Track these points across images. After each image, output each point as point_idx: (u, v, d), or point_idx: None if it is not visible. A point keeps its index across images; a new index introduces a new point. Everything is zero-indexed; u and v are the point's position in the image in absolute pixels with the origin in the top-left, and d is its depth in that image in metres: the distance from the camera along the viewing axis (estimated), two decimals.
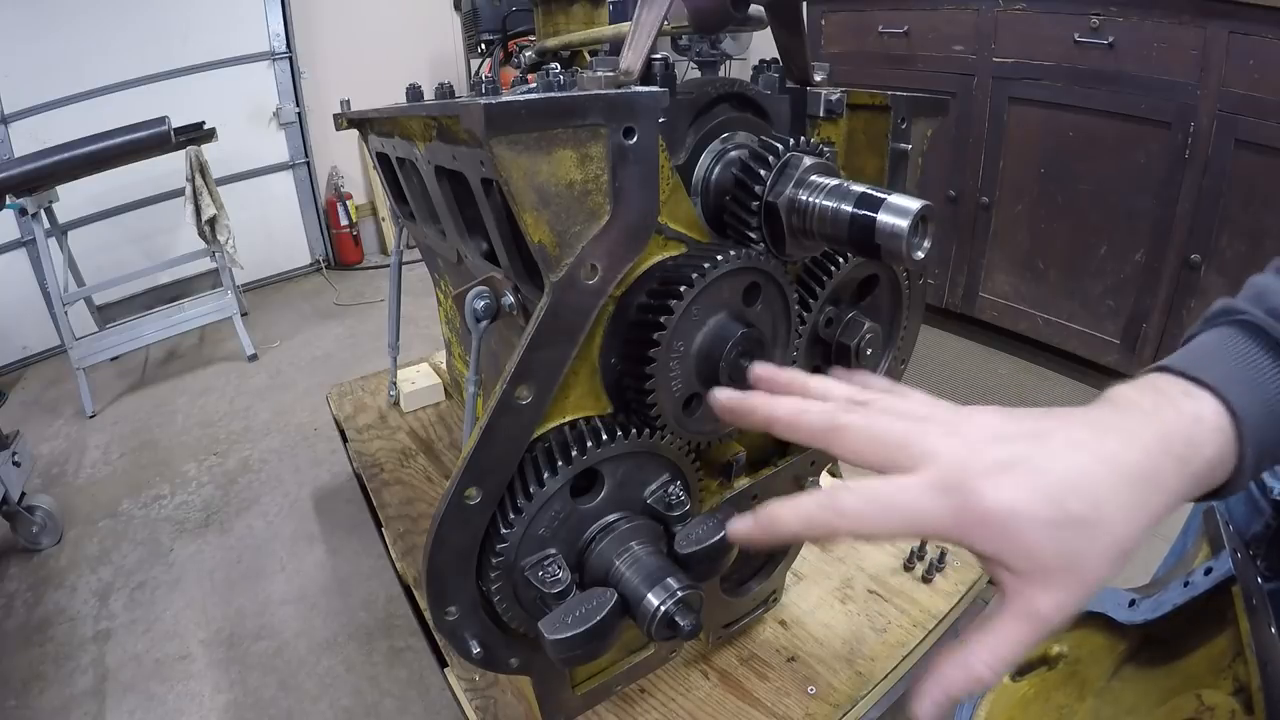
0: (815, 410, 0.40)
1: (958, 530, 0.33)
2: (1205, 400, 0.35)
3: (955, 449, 0.34)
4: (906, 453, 0.35)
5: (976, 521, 0.32)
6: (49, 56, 2.52)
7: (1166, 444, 0.33)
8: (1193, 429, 0.34)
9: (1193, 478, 0.34)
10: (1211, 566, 0.49)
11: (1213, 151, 1.63)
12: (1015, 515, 0.31)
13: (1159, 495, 0.33)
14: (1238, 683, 0.47)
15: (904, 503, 0.34)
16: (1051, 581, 0.32)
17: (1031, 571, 0.32)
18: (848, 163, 0.73)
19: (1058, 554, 0.31)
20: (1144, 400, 0.35)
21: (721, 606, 0.93)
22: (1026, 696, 0.64)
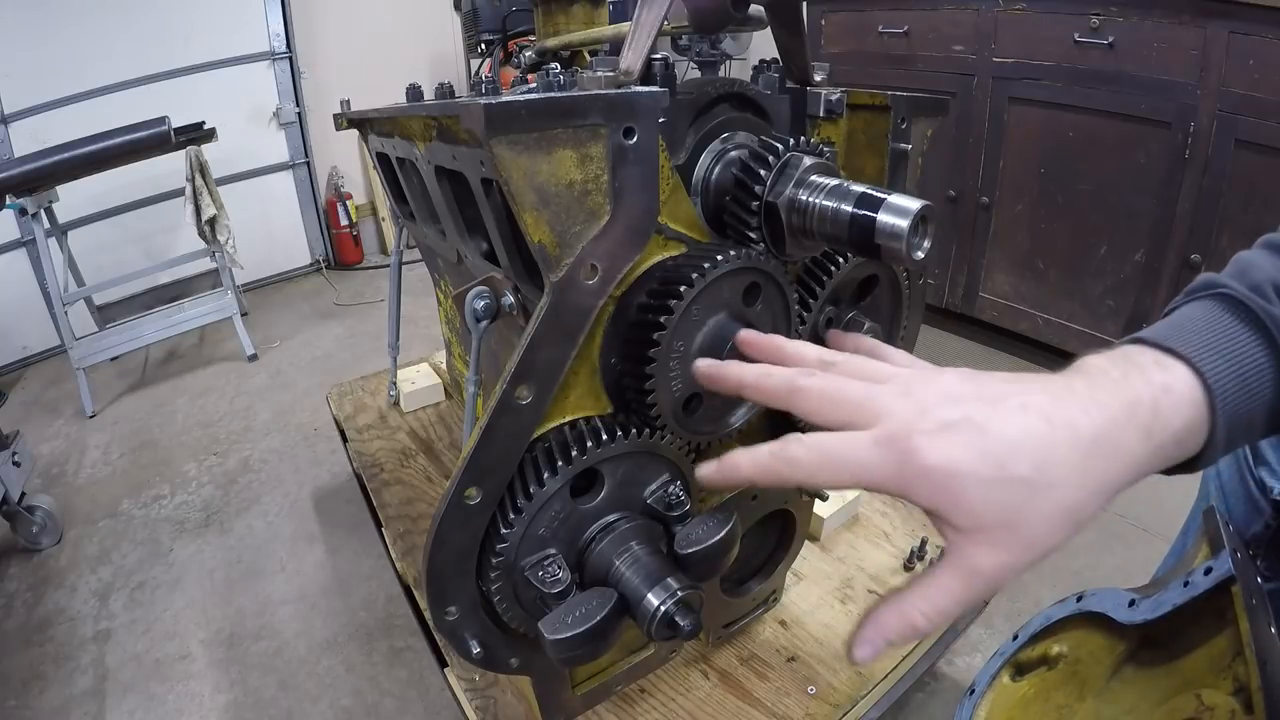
0: (778, 374, 0.41)
1: (899, 484, 0.33)
2: (1177, 370, 0.34)
3: (906, 408, 0.34)
4: (861, 412, 0.36)
5: (916, 476, 0.33)
6: (49, 56, 2.52)
7: (1131, 412, 0.33)
8: (1161, 399, 0.33)
9: (1158, 449, 0.33)
10: (1211, 566, 0.49)
11: (1213, 151, 1.63)
12: (954, 473, 0.32)
13: (1117, 463, 0.32)
14: (1237, 683, 0.47)
15: (849, 457, 0.35)
16: (992, 539, 0.32)
17: (972, 529, 0.32)
18: (848, 163, 0.73)
19: (997, 512, 0.32)
20: (1113, 369, 0.35)
21: (721, 606, 0.93)
22: (1026, 696, 0.64)
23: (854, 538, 1.18)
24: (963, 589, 0.33)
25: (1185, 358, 0.35)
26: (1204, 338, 0.35)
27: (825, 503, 1.10)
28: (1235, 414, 0.34)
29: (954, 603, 0.34)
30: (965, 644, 1.20)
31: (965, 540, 0.33)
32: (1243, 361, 0.35)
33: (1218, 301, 0.38)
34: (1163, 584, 0.54)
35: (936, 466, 0.32)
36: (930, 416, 0.33)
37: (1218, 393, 0.34)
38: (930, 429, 0.33)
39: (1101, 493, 0.32)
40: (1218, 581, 0.48)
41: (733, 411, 0.69)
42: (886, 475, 0.34)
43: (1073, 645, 0.62)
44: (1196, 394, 0.34)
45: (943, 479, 0.32)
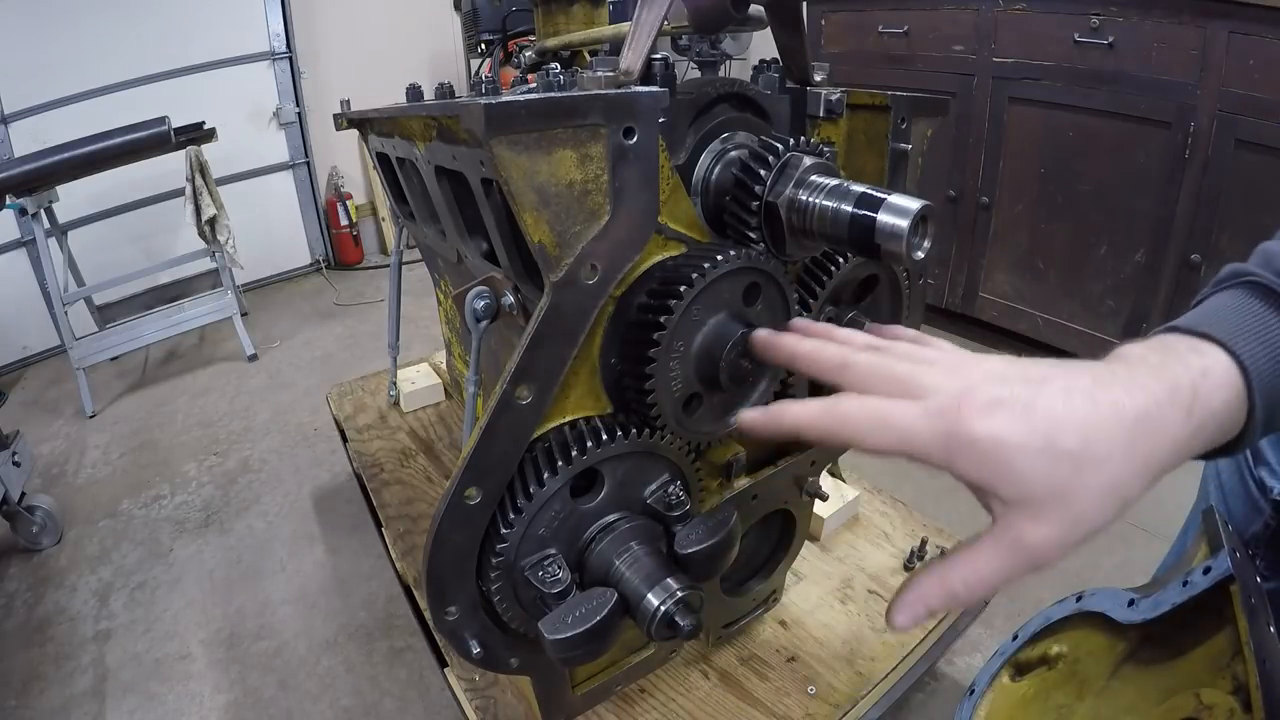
0: (831, 348, 0.43)
1: (945, 454, 0.34)
2: (1213, 354, 0.35)
3: (954, 385, 0.35)
4: (909, 388, 0.36)
5: (963, 446, 0.33)
6: (49, 56, 2.52)
7: (1172, 394, 0.33)
8: (1200, 381, 0.34)
9: (1199, 429, 0.34)
10: (1210, 566, 0.49)
11: (1213, 151, 1.63)
12: (1002, 443, 0.32)
13: (1161, 442, 0.33)
14: (1236, 681, 0.47)
15: (899, 421, 0.35)
16: (1040, 512, 0.32)
17: (1020, 500, 0.32)
18: (848, 163, 0.73)
19: (1046, 484, 0.32)
20: (1152, 355, 0.35)
21: (721, 606, 0.93)
22: (1026, 696, 0.64)
23: (854, 538, 1.18)
24: (1007, 561, 0.33)
25: (1221, 342, 0.35)
26: (1237, 323, 0.36)
27: (825, 502, 1.10)
28: (1272, 394, 0.35)
29: (997, 574, 0.34)
30: (965, 644, 1.20)
31: (1012, 512, 0.33)
32: (1273, 344, 0.36)
33: (1247, 289, 0.39)
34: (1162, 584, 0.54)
35: (985, 436, 0.32)
36: (978, 393, 0.34)
37: (1254, 374, 0.35)
38: (978, 403, 0.33)
39: (1146, 472, 0.33)
40: (1216, 581, 0.48)
41: (732, 411, 0.69)
42: (933, 443, 0.34)
43: (1072, 645, 0.62)
44: (1233, 376, 0.35)
45: (991, 449, 0.32)
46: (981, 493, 0.34)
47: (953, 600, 0.35)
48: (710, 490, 0.75)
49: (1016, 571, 0.34)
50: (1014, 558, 0.33)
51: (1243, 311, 0.37)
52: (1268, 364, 0.35)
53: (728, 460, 0.74)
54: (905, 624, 0.36)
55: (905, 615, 0.36)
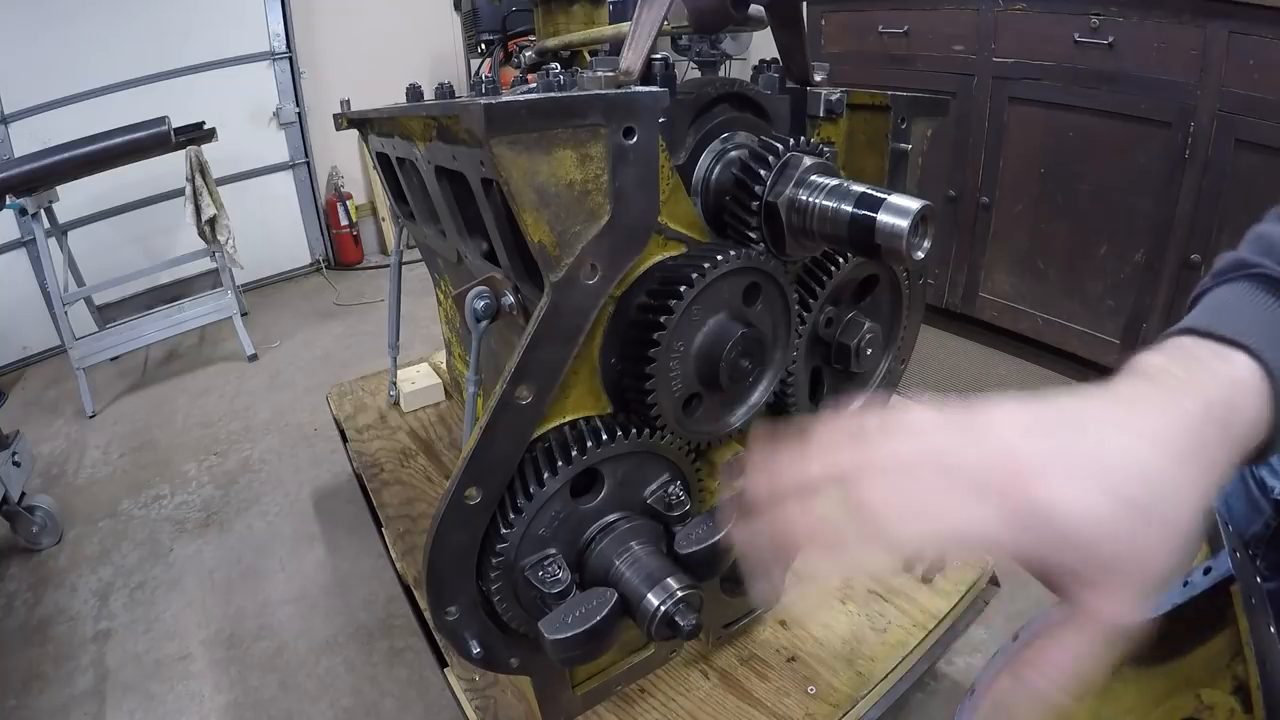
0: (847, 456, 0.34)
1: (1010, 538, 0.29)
2: (1239, 361, 0.33)
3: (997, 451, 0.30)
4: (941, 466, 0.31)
5: (1033, 522, 0.28)
6: (49, 56, 2.52)
7: (1209, 412, 0.31)
8: (1231, 393, 0.32)
9: (1236, 444, 0.31)
10: (1211, 566, 0.49)
11: (1213, 151, 1.63)
12: (1072, 512, 0.28)
13: (1210, 471, 0.30)
14: (1236, 682, 0.47)
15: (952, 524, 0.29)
16: (1115, 582, 0.28)
17: (1092, 573, 0.29)
18: (848, 163, 0.73)
19: (1121, 549, 0.28)
20: (1175, 367, 0.33)
21: (721, 606, 0.93)
22: None
23: None
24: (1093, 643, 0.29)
25: (1244, 346, 0.33)
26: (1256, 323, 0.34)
27: None
28: None
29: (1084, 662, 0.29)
30: (965, 644, 1.20)
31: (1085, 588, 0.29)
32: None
33: (1254, 282, 0.37)
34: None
35: (1053, 506, 0.28)
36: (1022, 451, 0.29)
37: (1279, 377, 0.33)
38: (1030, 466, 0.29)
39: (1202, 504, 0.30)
40: (1217, 581, 0.48)
41: (733, 411, 0.69)
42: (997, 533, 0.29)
43: None
44: (1260, 383, 0.32)
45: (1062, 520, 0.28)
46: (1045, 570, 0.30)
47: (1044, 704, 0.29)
48: (710, 490, 0.75)
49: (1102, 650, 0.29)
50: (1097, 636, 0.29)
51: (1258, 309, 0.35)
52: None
53: (728, 460, 0.74)
54: None
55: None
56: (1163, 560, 0.29)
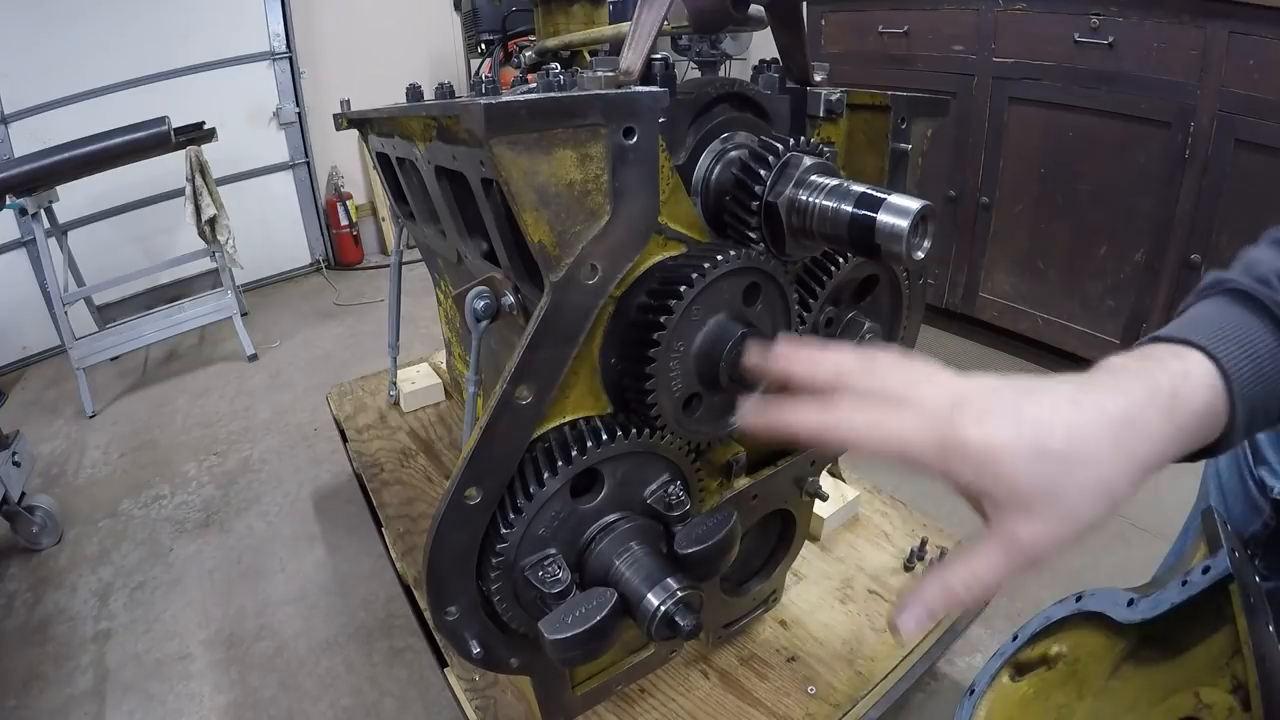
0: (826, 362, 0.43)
1: (940, 460, 0.35)
2: (1193, 357, 0.37)
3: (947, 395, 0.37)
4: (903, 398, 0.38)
5: (957, 451, 0.35)
6: (49, 56, 2.52)
7: (1152, 395, 0.35)
8: (1179, 383, 0.36)
9: (1181, 430, 0.35)
10: (1209, 565, 0.49)
11: (1213, 151, 1.63)
12: (993, 447, 0.34)
13: (1144, 441, 0.34)
14: (1235, 680, 0.47)
15: (896, 429, 0.37)
16: (1032, 511, 0.34)
17: (1012, 502, 0.34)
18: (848, 163, 0.73)
19: (1036, 484, 0.33)
20: (1133, 363, 0.37)
21: (721, 606, 0.93)
22: (1026, 696, 0.64)
23: (854, 538, 1.18)
24: (1003, 560, 0.35)
25: (1200, 346, 0.37)
26: (1216, 328, 0.38)
27: (825, 502, 1.10)
28: (1253, 397, 0.36)
29: (994, 574, 0.35)
30: (965, 644, 1.20)
31: (1004, 513, 0.34)
32: (1256, 347, 0.37)
33: (1227, 296, 0.40)
34: (1161, 583, 0.54)
35: (976, 441, 0.34)
36: (970, 402, 0.36)
37: (1233, 375, 0.36)
38: (971, 412, 0.35)
39: (1132, 471, 0.34)
40: (1216, 580, 0.48)
41: (733, 411, 0.69)
42: (929, 450, 0.35)
43: (1072, 645, 0.62)
44: (1213, 378, 0.36)
45: (983, 453, 0.34)
46: (975, 498, 0.36)
47: (954, 602, 0.36)
48: (710, 490, 0.75)
49: (1014, 570, 0.35)
50: (1010, 556, 0.35)
51: (1223, 317, 0.39)
52: (1247, 365, 0.36)
53: (728, 460, 0.74)
54: (910, 628, 0.37)
55: (909, 618, 0.37)
56: (1082, 506, 0.34)
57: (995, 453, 0.34)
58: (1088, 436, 0.34)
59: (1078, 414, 0.34)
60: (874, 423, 0.38)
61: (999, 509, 0.35)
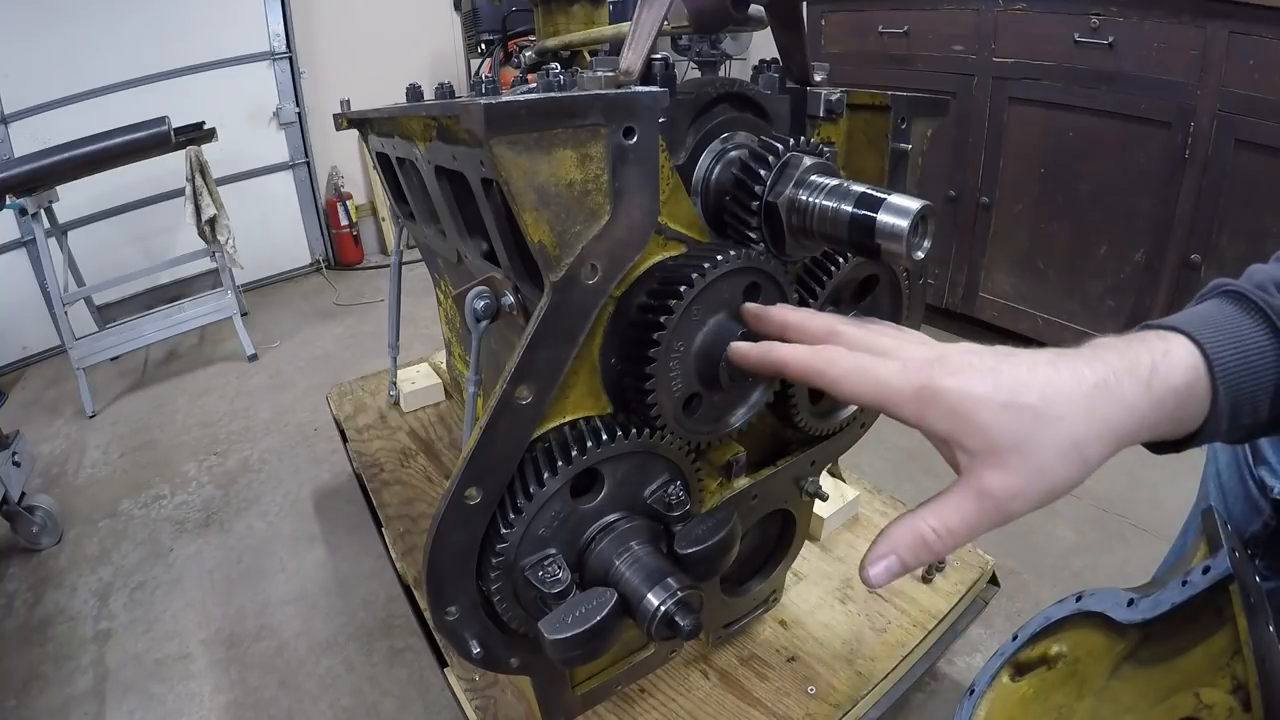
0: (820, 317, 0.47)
1: (916, 406, 0.36)
2: (1176, 339, 0.38)
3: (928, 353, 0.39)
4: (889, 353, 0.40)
5: (933, 398, 0.36)
6: (49, 56, 2.52)
7: (1130, 367, 0.36)
8: (1159, 360, 0.37)
9: (1158, 404, 0.36)
10: (1209, 565, 0.49)
11: (1213, 151, 1.63)
12: (966, 396, 0.35)
13: (1119, 409, 0.35)
14: (1235, 681, 0.47)
15: (878, 374, 0.38)
16: (1002, 462, 0.34)
17: (983, 451, 0.35)
18: (848, 163, 0.73)
19: (1008, 435, 0.34)
20: (1118, 341, 0.39)
21: (721, 606, 0.93)
22: (1026, 696, 0.64)
23: (854, 538, 1.18)
24: (974, 509, 0.35)
25: (1184, 331, 0.38)
26: (1205, 321, 0.39)
27: (825, 502, 1.10)
28: (1237, 386, 0.37)
29: (965, 523, 0.35)
30: (965, 644, 1.20)
31: (976, 463, 0.35)
32: (1243, 340, 0.38)
33: (1223, 297, 0.42)
34: (1161, 583, 0.54)
35: (952, 389, 0.35)
36: (951, 357, 0.37)
37: (1215, 361, 0.37)
38: (950, 365, 0.37)
39: (1106, 434, 0.34)
40: (1216, 580, 0.48)
41: (733, 411, 0.69)
42: (906, 395, 0.37)
43: (1072, 645, 0.62)
44: (1195, 360, 0.37)
45: (956, 401, 0.35)
46: (947, 447, 0.36)
47: (924, 549, 0.35)
48: (710, 490, 0.75)
49: (984, 520, 0.35)
50: (980, 505, 0.35)
51: (1214, 313, 0.40)
52: (1233, 355, 0.37)
53: (728, 460, 0.74)
54: (879, 577, 0.36)
55: (878, 568, 0.36)
56: (1052, 460, 0.34)
57: (969, 402, 0.35)
58: (1061, 395, 0.34)
59: (1053, 373, 0.35)
60: (859, 366, 0.39)
61: (971, 459, 0.35)
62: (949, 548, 0.35)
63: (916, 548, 0.36)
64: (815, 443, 0.83)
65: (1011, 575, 1.34)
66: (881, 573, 0.36)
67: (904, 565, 0.36)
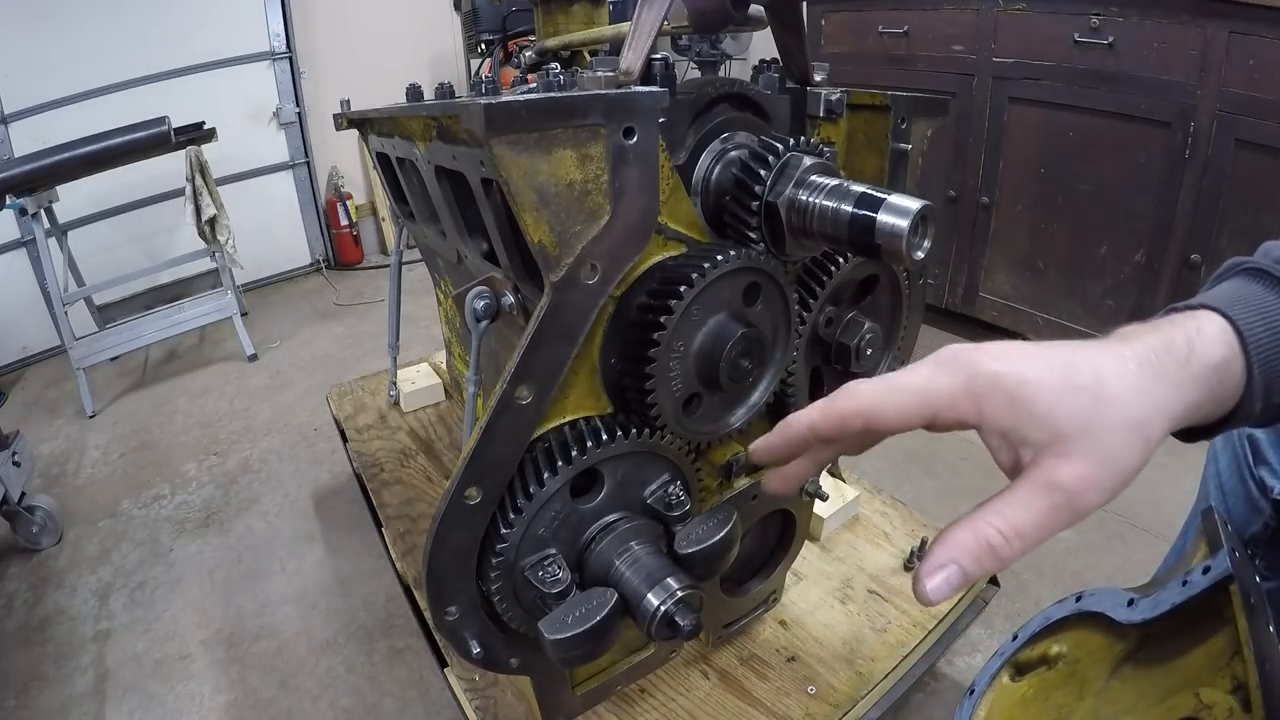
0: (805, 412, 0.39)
1: (970, 401, 0.32)
2: (1206, 316, 0.37)
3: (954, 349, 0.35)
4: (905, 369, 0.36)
5: (987, 387, 0.32)
6: (49, 56, 2.52)
7: (1166, 346, 0.34)
8: (1193, 336, 0.35)
9: (1198, 380, 0.34)
10: (1209, 565, 0.49)
11: (1213, 151, 1.63)
12: (1023, 379, 0.32)
13: (1167, 387, 0.33)
14: (1235, 681, 0.47)
15: (913, 382, 0.34)
16: (1070, 450, 0.31)
17: (1048, 440, 0.31)
18: (848, 163, 0.73)
19: (1072, 419, 0.31)
20: (1146, 326, 0.37)
21: (721, 606, 0.93)
22: (1026, 696, 0.64)
23: (854, 538, 1.18)
24: (1044, 506, 0.31)
25: (1214, 308, 0.37)
26: (1231, 298, 0.38)
27: (825, 502, 1.10)
28: (1270, 361, 0.36)
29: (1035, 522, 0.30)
30: (965, 644, 1.20)
31: (1041, 455, 0.31)
32: (1270, 314, 0.37)
33: (1243, 275, 0.41)
34: (1161, 584, 0.54)
35: (1007, 373, 0.32)
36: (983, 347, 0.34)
37: (1248, 336, 0.36)
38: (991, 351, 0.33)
39: (1161, 413, 0.33)
40: (1216, 580, 0.48)
41: (733, 411, 0.69)
42: (958, 391, 0.33)
43: (1072, 645, 0.62)
44: (1228, 335, 0.36)
45: (1015, 386, 0.32)
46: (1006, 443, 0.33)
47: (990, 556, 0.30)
48: (710, 490, 0.75)
49: (1056, 518, 0.31)
50: (1051, 501, 0.30)
51: (1238, 290, 0.39)
52: (1263, 331, 0.36)
53: (728, 460, 0.74)
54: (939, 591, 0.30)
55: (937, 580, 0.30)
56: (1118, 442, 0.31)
57: (1028, 388, 0.31)
58: (1113, 374, 0.32)
59: (1099, 354, 0.33)
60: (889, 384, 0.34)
61: (1035, 452, 0.31)
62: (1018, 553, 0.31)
63: (981, 555, 0.30)
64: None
65: (1011, 575, 1.34)
66: (941, 585, 0.30)
67: (966, 576, 0.31)
